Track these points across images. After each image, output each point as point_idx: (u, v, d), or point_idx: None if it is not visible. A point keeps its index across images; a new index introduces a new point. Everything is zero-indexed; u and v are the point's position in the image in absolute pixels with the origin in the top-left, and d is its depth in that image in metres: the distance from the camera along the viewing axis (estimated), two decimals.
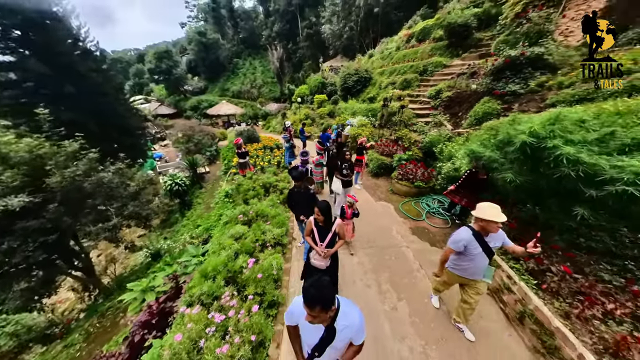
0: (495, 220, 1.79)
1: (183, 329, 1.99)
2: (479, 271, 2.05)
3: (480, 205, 1.93)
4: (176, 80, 36.69)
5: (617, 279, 2.14)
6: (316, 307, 1.04)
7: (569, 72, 5.02)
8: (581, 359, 1.75)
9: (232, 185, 5.80)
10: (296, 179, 3.09)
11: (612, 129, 2.13)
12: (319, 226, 2.32)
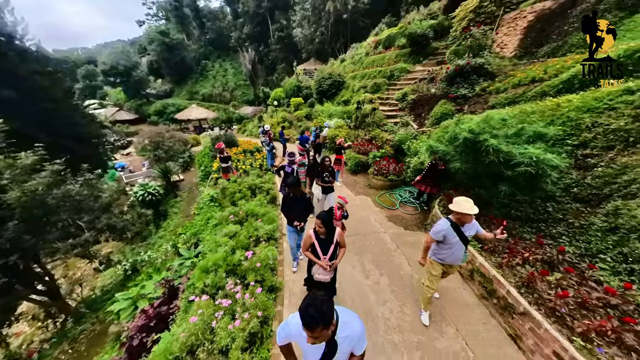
0: (469, 212, 2.02)
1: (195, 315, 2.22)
2: (458, 258, 2.27)
3: (456, 200, 2.13)
4: (137, 83, 33.93)
5: (532, 236, 2.91)
6: (318, 328, 1.00)
7: (504, 79, 6.17)
8: (509, 294, 2.41)
9: (216, 190, 5.87)
10: (292, 185, 3.01)
11: (521, 125, 2.91)
12: (320, 238, 2.20)
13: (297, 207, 3.05)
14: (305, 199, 3.17)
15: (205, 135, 18.93)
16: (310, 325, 0.99)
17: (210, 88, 35.39)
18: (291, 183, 3.04)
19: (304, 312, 1.01)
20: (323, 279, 2.27)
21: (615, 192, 2.63)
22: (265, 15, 34.86)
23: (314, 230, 2.23)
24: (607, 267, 2.30)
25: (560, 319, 1.98)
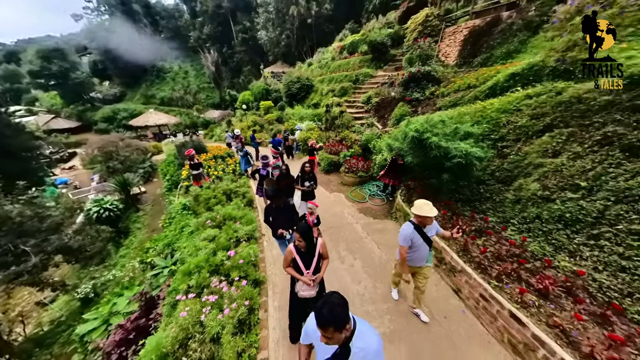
0: (429, 215, 2.16)
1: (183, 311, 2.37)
2: (423, 258, 2.39)
3: (417, 204, 2.27)
4: (77, 86, 29.94)
5: (469, 212, 3.69)
6: (329, 328, 1.03)
7: (447, 85, 7.30)
8: (452, 259, 3.06)
9: (188, 198, 5.78)
10: (272, 197, 2.92)
11: (455, 125, 3.68)
12: (302, 252, 2.07)
13: (281, 216, 2.96)
14: (288, 206, 3.08)
15: (168, 143, 17.69)
16: (322, 325, 1.03)
17: (169, 91, 32.91)
18: (271, 194, 2.92)
19: (318, 311, 1.04)
20: (308, 294, 2.12)
21: (520, 173, 3.52)
22: (226, 16, 33.84)
23: (294, 245, 2.10)
24: (515, 228, 3.11)
25: (484, 270, 2.67)
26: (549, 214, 2.90)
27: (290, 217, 3.03)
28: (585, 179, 2.77)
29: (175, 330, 2.21)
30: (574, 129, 3.26)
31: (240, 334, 2.35)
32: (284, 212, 3.00)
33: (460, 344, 2.45)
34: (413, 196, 4.52)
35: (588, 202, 2.65)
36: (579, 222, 2.64)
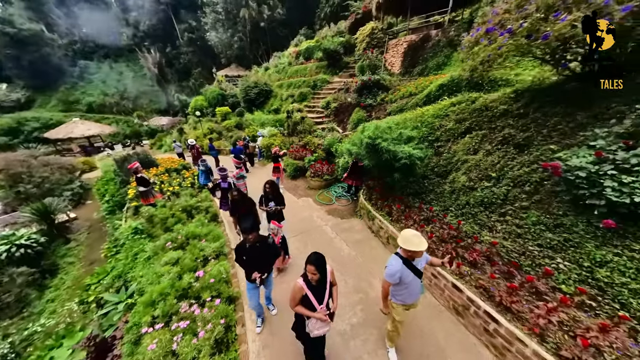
0: (420, 249, 1.91)
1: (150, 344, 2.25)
2: (416, 293, 2.17)
3: (404, 235, 2.01)
4: None
5: (418, 204, 4.36)
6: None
7: (394, 92, 8.30)
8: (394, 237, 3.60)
9: (139, 220, 5.22)
10: (248, 231, 2.34)
11: (399, 131, 4.31)
12: (313, 286, 1.91)
13: (259, 255, 2.47)
14: (267, 244, 2.57)
15: (103, 157, 15.18)
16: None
17: (100, 96, 28.23)
18: (246, 228, 2.34)
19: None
20: (323, 332, 1.97)
21: (452, 168, 4.34)
22: (167, 13, 30.91)
23: (304, 279, 1.92)
24: (452, 214, 3.84)
25: (432, 252, 3.24)
26: (474, 200, 3.68)
27: (268, 257, 2.59)
28: (494, 171, 3.63)
29: None
30: (486, 131, 4.20)
31: (218, 354, 2.35)
32: (262, 250, 2.49)
33: (416, 314, 2.92)
34: (373, 194, 5.06)
35: (497, 188, 3.48)
36: (493, 204, 3.45)
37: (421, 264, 2.14)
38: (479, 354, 2.51)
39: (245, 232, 2.36)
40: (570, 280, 2.41)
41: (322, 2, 22.02)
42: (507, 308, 2.39)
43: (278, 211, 3.73)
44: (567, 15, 2.39)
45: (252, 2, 22.94)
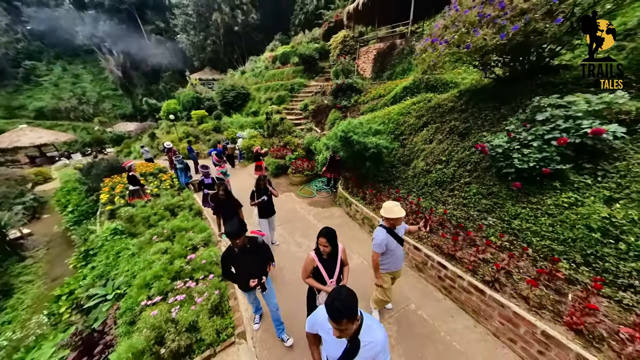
0: (400, 216, 2.14)
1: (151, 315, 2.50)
2: (401, 260, 2.41)
3: (386, 206, 2.22)
4: None
5: (387, 189, 5.05)
6: (343, 320, 1.06)
7: (366, 94, 9.17)
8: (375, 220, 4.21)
9: (117, 222, 5.19)
10: (234, 235, 2.14)
11: (369, 126, 5.00)
12: (324, 259, 1.99)
13: (249, 261, 2.29)
14: (258, 245, 2.39)
15: (60, 167, 13.94)
16: (337, 318, 1.06)
17: (52, 100, 25.69)
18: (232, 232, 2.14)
19: (331, 306, 1.07)
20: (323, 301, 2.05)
21: (414, 156, 5.12)
22: (131, 13, 29.48)
23: (316, 251, 2.01)
24: (414, 194, 4.57)
25: None
26: (430, 181, 4.45)
27: (261, 260, 2.42)
28: (444, 155, 4.44)
29: (148, 330, 2.35)
30: (438, 124, 5.06)
31: (215, 316, 2.67)
32: (252, 255, 2.31)
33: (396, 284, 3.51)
34: (349, 184, 5.67)
35: (447, 169, 4.27)
36: (444, 182, 4.23)
37: (401, 232, 2.38)
38: (434, 297, 3.16)
39: (232, 236, 2.15)
40: (496, 232, 3.18)
41: (296, 10, 22.92)
42: (452, 256, 3.08)
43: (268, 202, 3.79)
44: (480, 31, 3.23)
45: (224, 7, 23.03)
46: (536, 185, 3.02)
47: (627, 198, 2.41)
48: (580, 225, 2.57)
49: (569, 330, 2.06)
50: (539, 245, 2.81)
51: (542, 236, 2.81)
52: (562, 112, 2.79)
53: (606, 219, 2.43)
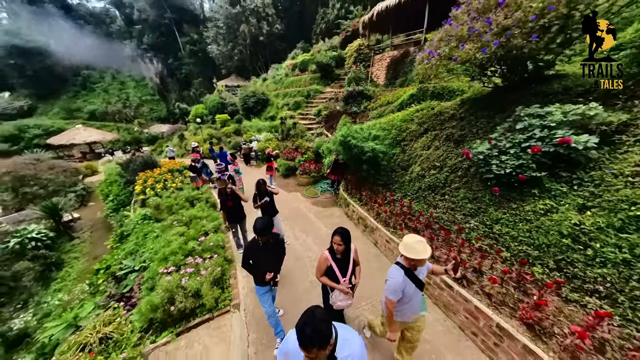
0: (424, 257, 1.73)
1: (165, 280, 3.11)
2: (418, 308, 1.97)
3: (406, 242, 1.81)
4: None
5: (384, 192, 5.32)
6: (314, 348, 0.99)
7: (376, 101, 9.48)
8: (371, 222, 4.52)
9: (147, 209, 6.11)
10: (261, 232, 2.28)
11: (369, 131, 5.35)
12: (338, 259, 2.07)
13: (268, 256, 2.42)
14: (278, 240, 2.53)
15: (105, 162, 16.13)
16: (306, 345, 1.00)
17: (103, 104, 29.58)
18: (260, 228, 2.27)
19: (301, 331, 1.01)
20: (346, 305, 2.13)
21: (412, 161, 5.34)
22: (171, 27, 33.04)
23: (330, 250, 2.08)
24: (409, 197, 4.79)
25: (386, 225, 4.16)
26: (424, 185, 4.65)
27: (278, 255, 2.56)
28: (439, 161, 4.63)
29: (162, 291, 2.95)
30: (437, 131, 5.24)
31: (216, 287, 3.22)
32: (272, 250, 2.45)
33: (374, 275, 3.80)
34: (349, 186, 6.03)
35: (440, 175, 4.46)
36: (437, 187, 4.41)
37: (422, 274, 1.93)
38: None
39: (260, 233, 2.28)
40: (475, 235, 3.34)
41: (318, 19, 24.00)
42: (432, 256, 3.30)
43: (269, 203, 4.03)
44: (466, 45, 3.48)
45: (252, 19, 24.91)
46: (517, 192, 3.15)
47: (598, 206, 2.50)
48: (553, 231, 2.68)
49: (521, 324, 2.23)
50: (516, 249, 2.94)
51: (519, 241, 2.95)
52: (539, 122, 2.93)
53: (577, 225, 2.54)
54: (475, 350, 2.52)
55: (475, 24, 3.55)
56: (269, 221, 2.39)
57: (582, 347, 1.85)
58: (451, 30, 3.97)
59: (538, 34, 2.82)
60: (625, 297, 2.12)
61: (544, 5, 2.72)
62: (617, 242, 2.27)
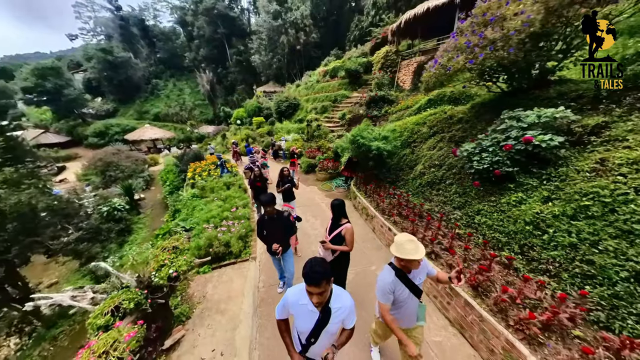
0: (415, 258, 1.56)
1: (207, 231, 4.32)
2: (412, 316, 1.82)
3: (397, 240, 1.67)
4: (69, 103, 31.86)
5: (388, 187, 5.88)
6: (323, 282, 1.24)
7: (396, 105, 9.93)
8: (372, 212, 5.18)
9: (195, 190, 7.75)
10: (266, 203, 2.76)
11: (378, 132, 6.01)
12: (332, 222, 2.72)
13: (276, 228, 2.85)
14: (283, 218, 2.92)
15: (165, 155, 19.60)
16: (318, 280, 1.24)
17: (165, 107, 35.33)
18: (265, 201, 2.75)
19: (310, 271, 1.27)
20: (325, 255, 2.69)
21: (418, 161, 5.81)
22: (222, 40, 37.77)
23: None
24: (410, 192, 5.29)
25: (385, 214, 4.78)
26: (424, 182, 5.12)
27: (285, 231, 2.92)
28: (439, 160, 5.06)
29: (204, 238, 4.15)
30: (444, 134, 5.63)
31: (241, 241, 4.32)
32: (279, 224, 2.87)
33: (368, 253, 4.46)
34: (358, 181, 6.71)
35: (438, 172, 4.89)
36: (434, 183, 4.86)
37: (419, 278, 1.77)
38: None
39: (263, 203, 2.77)
40: (462, 224, 3.78)
41: (352, 27, 25.01)
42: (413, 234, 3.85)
43: (289, 189, 4.80)
44: (460, 56, 3.98)
45: (290, 30, 27.18)
46: (497, 186, 3.54)
47: (559, 198, 2.83)
48: (520, 220, 3.06)
49: (468, 286, 2.73)
50: (490, 236, 3.35)
51: (493, 229, 3.35)
52: (517, 124, 3.31)
53: (538, 214, 2.90)
54: (435, 309, 3.05)
55: (471, 37, 4.03)
56: (272, 195, 2.88)
57: (505, 300, 2.32)
58: (452, 42, 4.48)
59: (515, 48, 3.25)
60: (568, 274, 2.48)
61: (520, 24, 3.15)
62: (568, 228, 2.61)
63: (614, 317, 2.08)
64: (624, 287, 2.10)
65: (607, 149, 2.72)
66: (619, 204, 2.34)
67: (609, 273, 2.21)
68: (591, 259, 2.35)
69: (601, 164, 2.64)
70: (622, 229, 2.25)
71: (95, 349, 1.80)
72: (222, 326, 2.84)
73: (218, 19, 36.01)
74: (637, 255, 2.11)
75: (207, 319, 2.97)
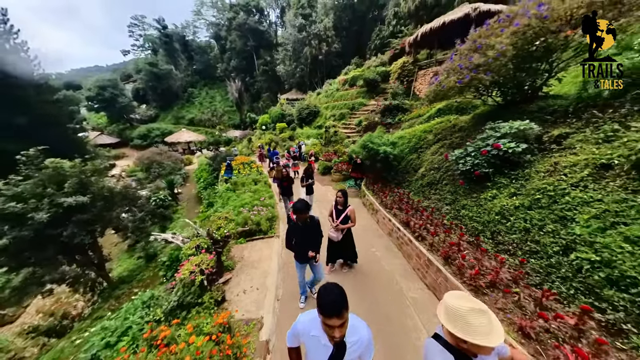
0: (492, 345, 0.98)
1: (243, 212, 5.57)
2: None
3: (454, 307, 1.06)
4: (121, 109, 36.86)
5: (394, 188, 6.70)
6: (343, 311, 1.07)
7: (409, 113, 10.66)
8: (377, 207, 6.05)
9: (228, 185, 9.24)
10: (300, 211, 2.64)
11: (386, 137, 6.90)
12: (337, 209, 3.53)
13: (308, 236, 2.78)
14: (315, 222, 2.84)
15: (199, 155, 22.15)
16: (340, 310, 1.06)
17: (198, 113, 39.23)
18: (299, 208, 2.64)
19: (328, 301, 1.09)
20: (335, 236, 3.68)
21: (422, 165, 6.57)
22: (251, 52, 41.11)
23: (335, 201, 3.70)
24: (412, 191, 6.08)
25: (387, 207, 5.64)
26: (425, 182, 5.89)
27: (317, 236, 2.87)
28: (438, 164, 5.80)
29: (240, 218, 5.39)
30: (447, 140, 6.35)
31: (269, 222, 5.49)
32: (310, 230, 2.79)
33: (371, 239, 5.34)
34: (368, 181, 7.61)
35: (437, 174, 5.64)
36: (433, 183, 5.61)
37: None
38: (395, 253, 4.80)
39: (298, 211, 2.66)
40: (450, 216, 4.53)
41: (373, 37, 26.05)
42: (407, 224, 4.68)
43: (311, 184, 6.46)
44: (453, 76, 4.80)
45: (313, 41, 29.02)
46: (478, 185, 4.27)
47: (521, 194, 3.53)
48: (492, 212, 3.79)
49: (441, 258, 3.53)
50: (469, 225, 4.10)
51: (473, 220, 4.09)
52: (494, 133, 4.06)
53: (504, 206, 3.62)
54: (416, 278, 3.86)
55: (463, 60, 4.85)
56: (307, 204, 2.85)
57: (464, 265, 3.11)
58: (449, 63, 5.31)
59: (492, 72, 4.03)
60: (521, 252, 3.20)
61: (494, 54, 3.95)
62: (524, 217, 3.33)
63: (547, 280, 2.79)
64: (556, 258, 2.81)
65: (561, 155, 3.39)
66: (559, 196, 3.04)
67: (547, 249, 2.92)
68: (537, 239, 3.06)
69: (554, 166, 3.32)
70: (559, 215, 2.95)
71: (192, 262, 3.03)
72: (256, 275, 3.96)
73: (248, 33, 39.38)
74: (566, 235, 2.81)
75: (245, 270, 4.12)
